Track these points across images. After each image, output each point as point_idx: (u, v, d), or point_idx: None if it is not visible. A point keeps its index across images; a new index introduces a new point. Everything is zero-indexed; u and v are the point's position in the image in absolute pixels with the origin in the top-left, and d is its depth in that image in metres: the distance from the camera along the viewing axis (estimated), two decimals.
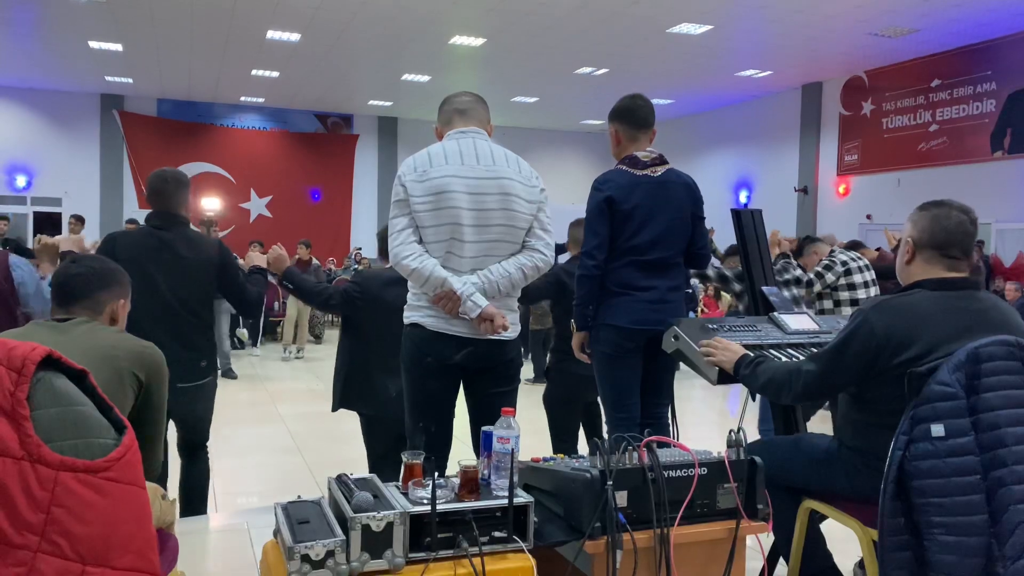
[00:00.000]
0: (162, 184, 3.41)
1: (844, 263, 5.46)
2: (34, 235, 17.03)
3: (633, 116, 3.33)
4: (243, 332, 10.95)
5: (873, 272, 5.58)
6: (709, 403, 7.96)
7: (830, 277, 5.43)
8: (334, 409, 3.80)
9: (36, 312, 3.32)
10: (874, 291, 5.45)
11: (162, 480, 3.66)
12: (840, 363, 2.37)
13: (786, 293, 5.38)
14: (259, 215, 18.97)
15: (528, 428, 4.10)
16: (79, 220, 10.90)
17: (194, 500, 3.73)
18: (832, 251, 5.67)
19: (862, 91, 14.43)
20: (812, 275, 5.55)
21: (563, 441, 4.25)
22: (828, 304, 5.50)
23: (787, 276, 5.39)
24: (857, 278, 5.45)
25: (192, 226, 3.46)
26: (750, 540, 2.41)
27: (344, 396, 3.75)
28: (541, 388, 4.44)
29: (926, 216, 2.41)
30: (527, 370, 8.60)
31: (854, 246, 6.81)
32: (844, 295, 5.44)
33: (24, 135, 17.23)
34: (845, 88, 14.77)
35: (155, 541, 1.42)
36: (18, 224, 16.97)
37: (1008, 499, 2.06)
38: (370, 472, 3.48)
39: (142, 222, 3.61)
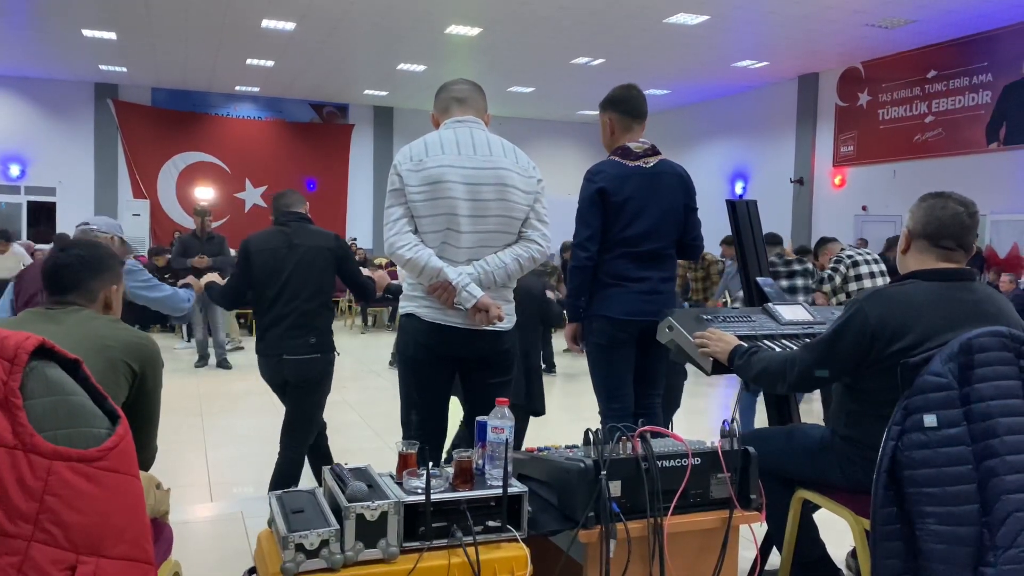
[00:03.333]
0: (280, 197, 3.98)
1: (851, 256, 5.63)
2: (28, 225, 17.00)
3: (629, 105, 3.32)
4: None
5: (883, 265, 5.69)
6: (703, 394, 7.98)
7: (841, 269, 5.57)
8: None
9: None
10: (881, 281, 5.54)
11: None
12: (834, 352, 2.38)
13: (784, 283, 5.44)
14: (254, 205, 18.92)
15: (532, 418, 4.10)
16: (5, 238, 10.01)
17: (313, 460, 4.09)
18: (842, 248, 5.84)
19: (858, 82, 14.42)
20: (827, 272, 5.68)
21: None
22: (841, 298, 5.63)
23: (796, 268, 5.46)
24: (863, 269, 5.57)
25: (311, 223, 3.91)
26: (743, 530, 2.42)
27: None
28: (546, 377, 4.43)
29: (922, 207, 2.42)
30: None
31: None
32: (852, 287, 5.57)
33: (18, 124, 17.15)
34: (841, 79, 14.75)
35: (149, 530, 1.42)
36: (11, 214, 16.92)
37: (1000, 489, 2.07)
38: (452, 448, 3.85)
39: (138, 213, 3.87)
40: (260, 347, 3.72)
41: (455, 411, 2.89)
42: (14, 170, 17.19)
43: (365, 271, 4.27)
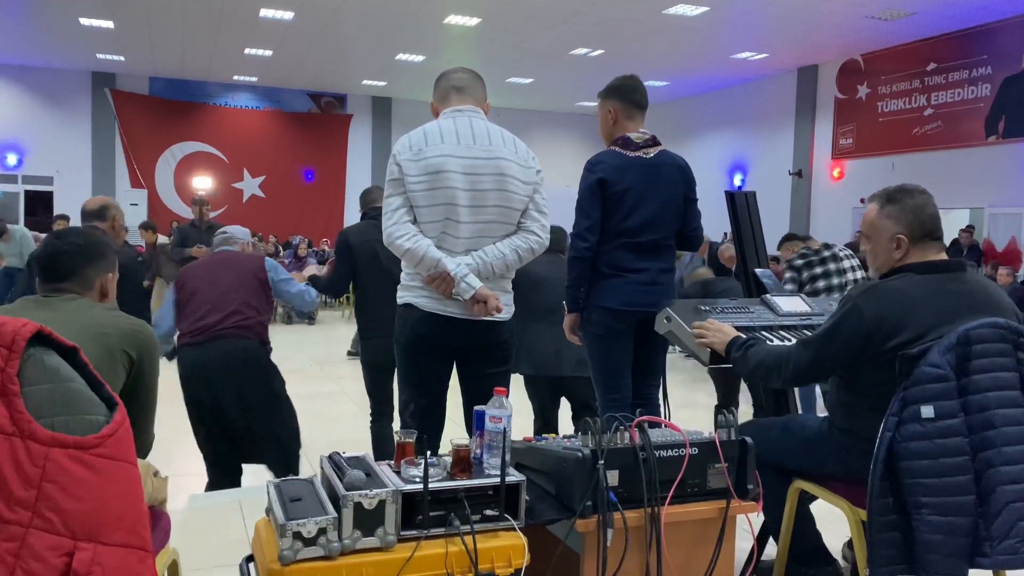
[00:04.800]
0: (367, 193, 4.29)
1: (828, 248, 5.61)
2: (26, 214, 16.96)
3: (633, 95, 3.32)
4: None
5: (857, 259, 5.69)
6: (701, 384, 7.99)
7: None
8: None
9: None
10: (860, 274, 5.54)
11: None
12: (830, 349, 2.38)
13: (819, 269, 5.46)
14: (252, 195, 18.89)
15: (520, 408, 4.10)
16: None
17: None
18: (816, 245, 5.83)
19: (858, 74, 14.41)
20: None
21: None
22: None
23: (825, 253, 5.46)
24: (845, 263, 5.57)
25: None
26: (740, 520, 2.42)
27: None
28: None
29: (906, 209, 2.39)
30: None
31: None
32: (835, 280, 5.55)
33: (15, 113, 17.09)
34: (841, 71, 14.73)
35: (146, 518, 1.42)
36: (9, 203, 16.87)
37: (996, 480, 2.08)
38: (537, 424, 4.24)
39: (136, 203, 3.89)
40: (371, 330, 3.93)
41: (453, 403, 2.89)
42: (11, 159, 17.14)
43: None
